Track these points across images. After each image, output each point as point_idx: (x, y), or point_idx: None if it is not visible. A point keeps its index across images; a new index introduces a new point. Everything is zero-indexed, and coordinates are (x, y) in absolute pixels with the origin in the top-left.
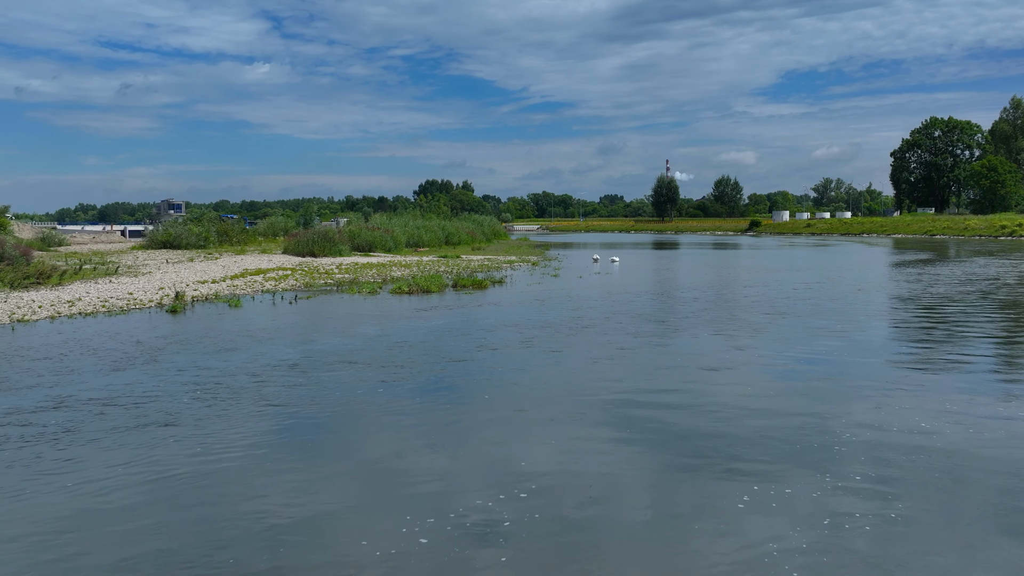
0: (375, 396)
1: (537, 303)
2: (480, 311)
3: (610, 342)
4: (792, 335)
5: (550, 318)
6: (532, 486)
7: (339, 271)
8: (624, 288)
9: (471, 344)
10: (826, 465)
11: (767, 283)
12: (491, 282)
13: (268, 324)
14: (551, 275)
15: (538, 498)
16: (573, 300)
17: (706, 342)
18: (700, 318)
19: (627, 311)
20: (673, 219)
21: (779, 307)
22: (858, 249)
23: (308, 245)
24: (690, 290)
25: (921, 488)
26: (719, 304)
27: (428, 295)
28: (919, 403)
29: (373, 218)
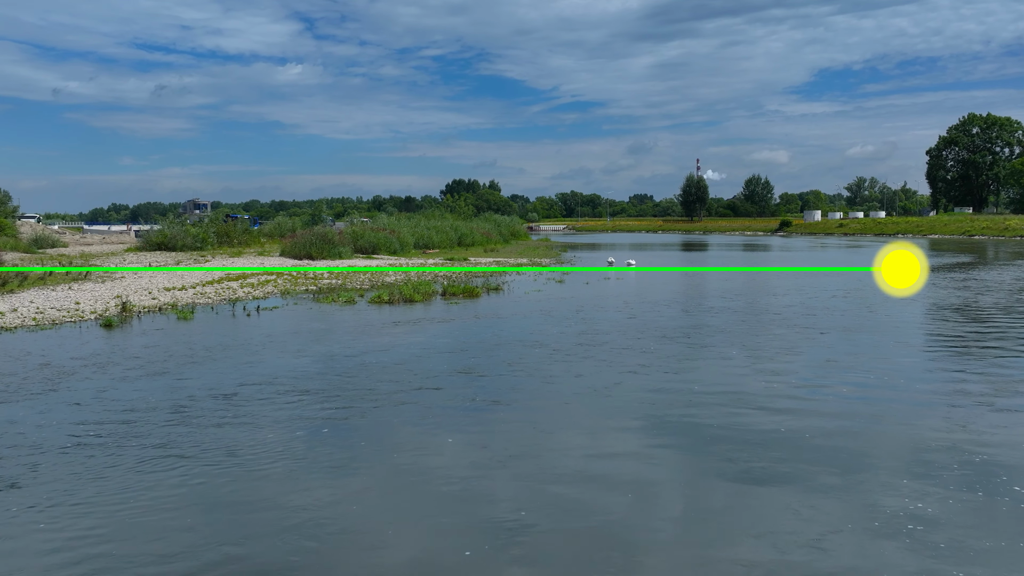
0: (314, 443)
1: (534, 315)
2: (464, 325)
3: (615, 363)
4: (833, 355)
5: (545, 334)
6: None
7: (329, 276)
8: (638, 296)
9: (441, 368)
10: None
11: (799, 290)
12: (488, 289)
13: (212, 341)
14: (556, 280)
15: None
16: (576, 311)
17: (733, 366)
18: (725, 333)
19: (639, 325)
20: (702, 219)
21: (815, 320)
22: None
23: (305, 247)
24: (713, 298)
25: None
26: (746, 316)
27: (411, 305)
28: (974, 423)
29: (380, 219)
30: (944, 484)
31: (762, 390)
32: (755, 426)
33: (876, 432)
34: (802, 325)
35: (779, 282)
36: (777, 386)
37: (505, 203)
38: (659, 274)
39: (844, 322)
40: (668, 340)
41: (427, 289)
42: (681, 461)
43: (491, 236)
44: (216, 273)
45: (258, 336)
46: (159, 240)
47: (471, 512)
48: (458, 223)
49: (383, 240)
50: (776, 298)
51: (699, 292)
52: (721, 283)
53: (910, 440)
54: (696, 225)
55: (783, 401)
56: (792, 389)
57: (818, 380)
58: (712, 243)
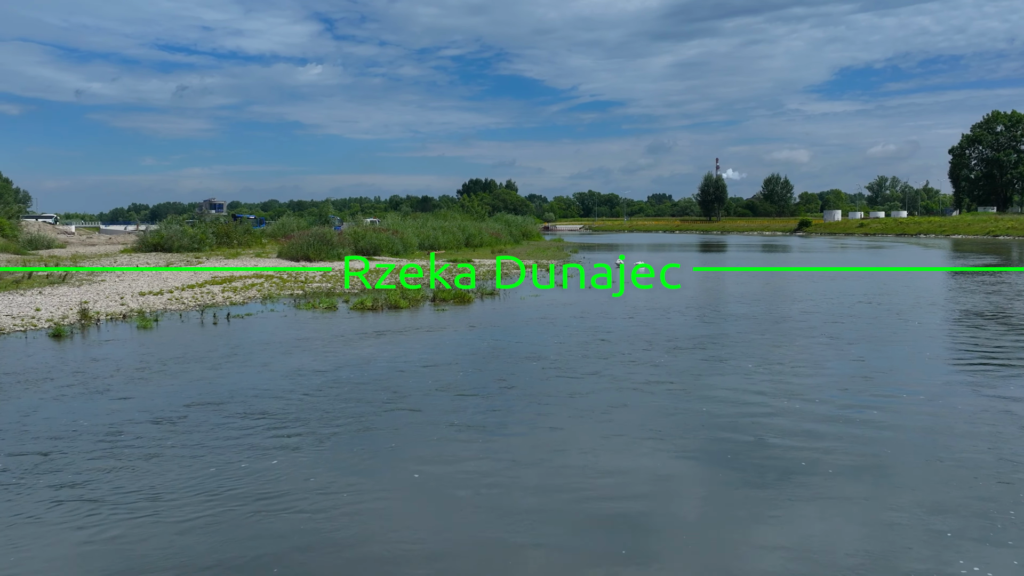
0: (255, 481)
1: (531, 323)
2: (451, 336)
3: (620, 380)
4: (863, 369)
5: (541, 345)
6: None
7: (322, 279)
8: (647, 301)
9: (421, 386)
10: None
11: (821, 294)
12: (482, 294)
13: (170, 354)
14: (559, 285)
15: None
16: (577, 318)
17: (752, 383)
18: (742, 344)
19: (648, 334)
20: (721, 219)
21: (841, 328)
22: (915, 252)
23: (302, 249)
24: (728, 304)
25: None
26: (766, 323)
27: (396, 312)
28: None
29: (387, 219)
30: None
31: (784, 410)
32: (776, 453)
33: (916, 466)
34: (827, 334)
35: (799, 285)
36: (801, 407)
37: (522, 203)
38: (675, 275)
39: (873, 331)
40: (680, 351)
41: (416, 294)
42: (696, 500)
43: (501, 236)
44: (202, 275)
45: (222, 348)
46: (155, 241)
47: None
48: (466, 223)
49: (385, 241)
50: (797, 303)
51: (713, 296)
52: (737, 286)
53: (954, 476)
54: (714, 225)
55: (808, 425)
56: (818, 410)
57: (848, 401)
58: (729, 243)
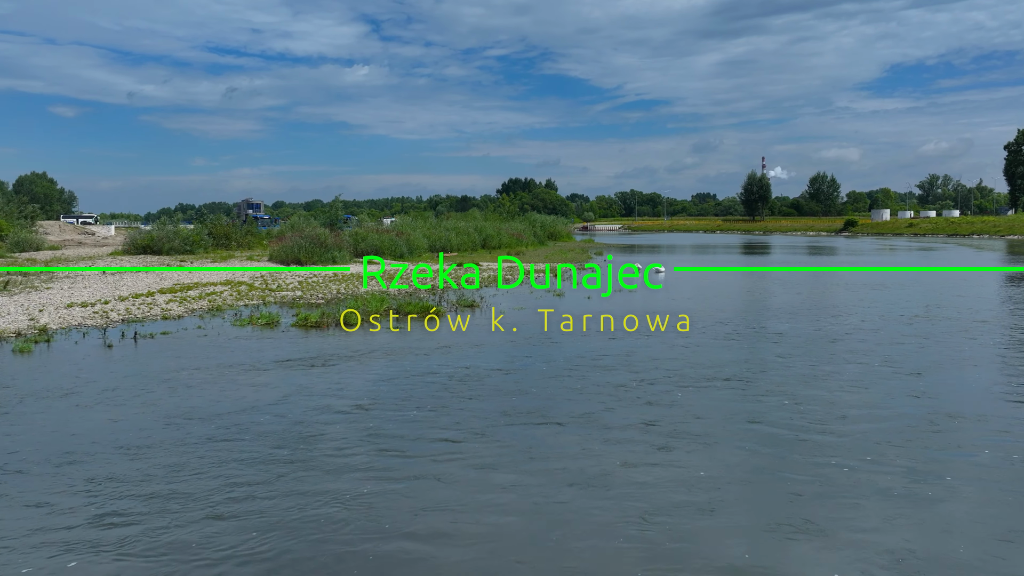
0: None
1: (508, 345)
2: (402, 364)
3: (617, 433)
4: (932, 410)
5: (516, 379)
6: None
7: (297, 287)
8: (655, 313)
9: (338, 441)
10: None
11: (867, 306)
12: (460, 306)
13: (27, 387)
14: (554, 293)
15: None
16: (570, 339)
17: (787, 437)
18: (776, 376)
19: (659, 362)
20: (764, 218)
21: (900, 352)
22: (969, 255)
23: (293, 252)
24: (759, 319)
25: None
26: (804, 347)
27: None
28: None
29: (399, 220)
30: None
31: (835, 477)
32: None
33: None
34: (883, 359)
35: (843, 295)
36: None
37: (561, 202)
38: (701, 281)
39: (938, 355)
40: (703, 388)
41: (376, 307)
42: None
43: (523, 238)
44: (167, 280)
45: (105, 378)
46: (144, 243)
47: None
48: (485, 224)
49: (387, 243)
50: (843, 318)
51: (744, 305)
52: (769, 295)
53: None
54: (756, 225)
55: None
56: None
57: (917, 465)
58: (771, 244)
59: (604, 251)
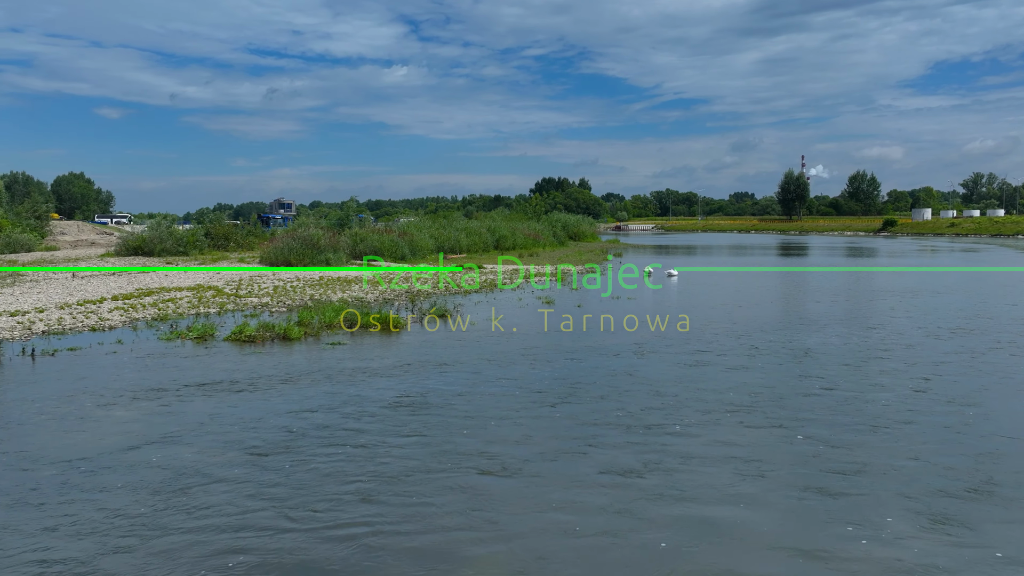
0: None
1: (476, 364)
2: (308, 395)
3: (597, 490)
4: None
5: (475, 412)
6: None
7: (270, 292)
8: (654, 330)
9: (234, 491)
10: None
11: (901, 316)
12: (431, 314)
13: None
14: (544, 301)
15: None
16: (551, 358)
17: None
18: (802, 407)
19: (654, 392)
20: (801, 218)
21: (932, 377)
22: (1013, 257)
23: (284, 253)
24: (778, 335)
25: None
26: (835, 378)
27: (287, 344)
28: None
29: (406, 220)
30: None
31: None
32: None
33: None
34: (918, 385)
35: (881, 304)
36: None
37: (595, 202)
38: (718, 286)
39: (984, 379)
40: (706, 433)
41: (331, 317)
42: None
43: (540, 238)
44: (135, 283)
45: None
46: (135, 244)
47: None
48: (498, 224)
49: (388, 244)
50: (872, 332)
51: (753, 318)
52: (788, 303)
53: None
54: (792, 224)
55: None
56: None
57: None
58: (805, 245)
59: (623, 252)
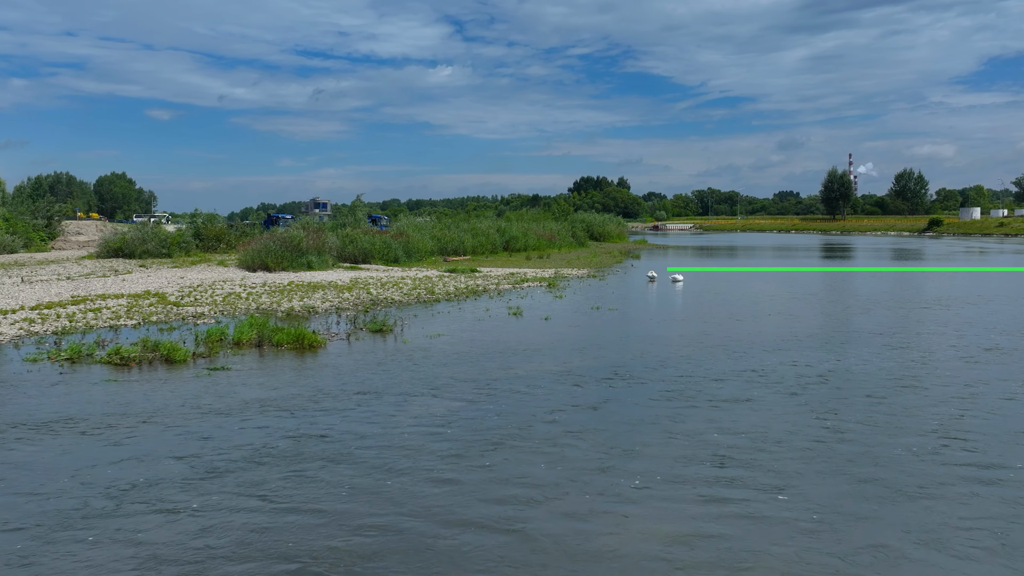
0: None
1: (393, 395)
2: (172, 439)
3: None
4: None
5: (379, 460)
6: None
7: (219, 300)
8: (627, 347)
9: None
10: None
11: (953, 332)
12: (372, 328)
13: None
14: (513, 313)
15: None
16: (494, 389)
17: None
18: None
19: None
20: (845, 217)
21: (964, 415)
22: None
23: (260, 256)
24: (774, 357)
25: None
26: (834, 418)
27: (170, 367)
28: None
29: (403, 221)
30: None
31: None
32: None
33: None
34: (948, 427)
35: (895, 315)
36: None
37: (633, 201)
38: (729, 291)
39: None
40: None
41: (246, 334)
42: None
43: (555, 238)
44: (87, 288)
45: None
46: (116, 245)
47: None
48: (508, 224)
49: (379, 247)
50: (891, 353)
51: (752, 335)
52: (806, 317)
53: None
54: (834, 224)
55: None
56: None
57: None
58: (845, 245)
59: (647, 253)
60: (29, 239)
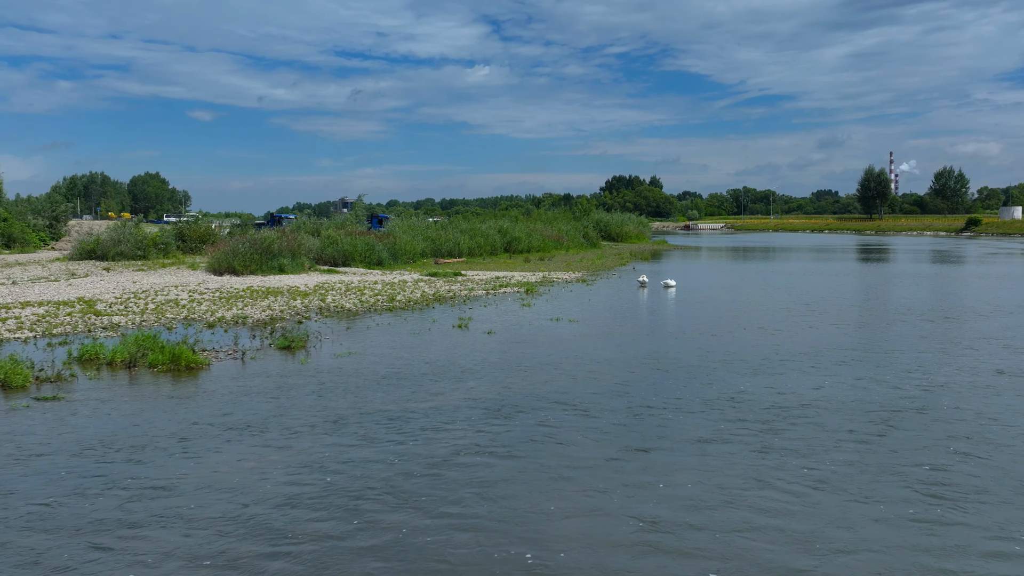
0: None
1: (256, 426)
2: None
3: None
4: None
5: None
6: None
7: (150, 309)
8: (572, 372)
9: None
10: None
11: (996, 354)
12: (279, 345)
13: None
14: (459, 326)
15: None
16: (397, 419)
17: None
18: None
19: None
20: (883, 216)
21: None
22: None
23: (228, 259)
24: (771, 384)
25: None
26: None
27: (7, 393)
28: None
29: (394, 221)
30: None
31: None
32: None
33: None
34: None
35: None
36: None
37: (665, 200)
38: (695, 302)
39: None
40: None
41: (121, 353)
42: None
43: (563, 239)
44: (30, 294)
45: None
46: (90, 247)
47: None
48: (510, 224)
49: (361, 249)
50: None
51: (730, 356)
52: (820, 331)
53: None
54: (869, 224)
55: None
56: None
57: None
58: (878, 245)
59: (657, 254)
60: (25, 239)
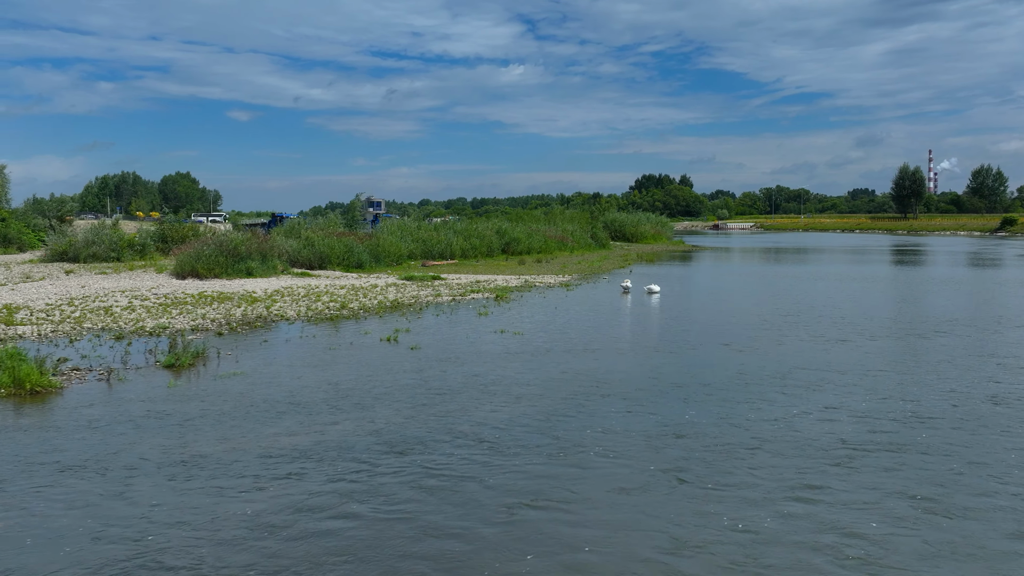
0: None
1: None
2: None
3: None
4: None
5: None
6: None
7: (74, 317)
8: (490, 402)
9: None
10: None
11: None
12: (172, 363)
13: None
14: (388, 339)
15: None
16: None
17: None
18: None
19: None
20: (917, 216)
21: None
22: None
23: (192, 262)
24: (709, 416)
25: None
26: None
27: None
28: None
29: (384, 223)
30: None
31: None
32: None
33: None
34: None
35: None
36: None
37: (695, 199)
38: (678, 310)
39: None
40: None
41: None
42: None
43: (567, 240)
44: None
45: None
46: (62, 249)
47: None
48: (509, 225)
49: (338, 251)
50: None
51: (695, 375)
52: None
53: None
54: (901, 224)
55: None
56: None
57: None
58: (908, 246)
59: (659, 259)
60: (23, 240)
